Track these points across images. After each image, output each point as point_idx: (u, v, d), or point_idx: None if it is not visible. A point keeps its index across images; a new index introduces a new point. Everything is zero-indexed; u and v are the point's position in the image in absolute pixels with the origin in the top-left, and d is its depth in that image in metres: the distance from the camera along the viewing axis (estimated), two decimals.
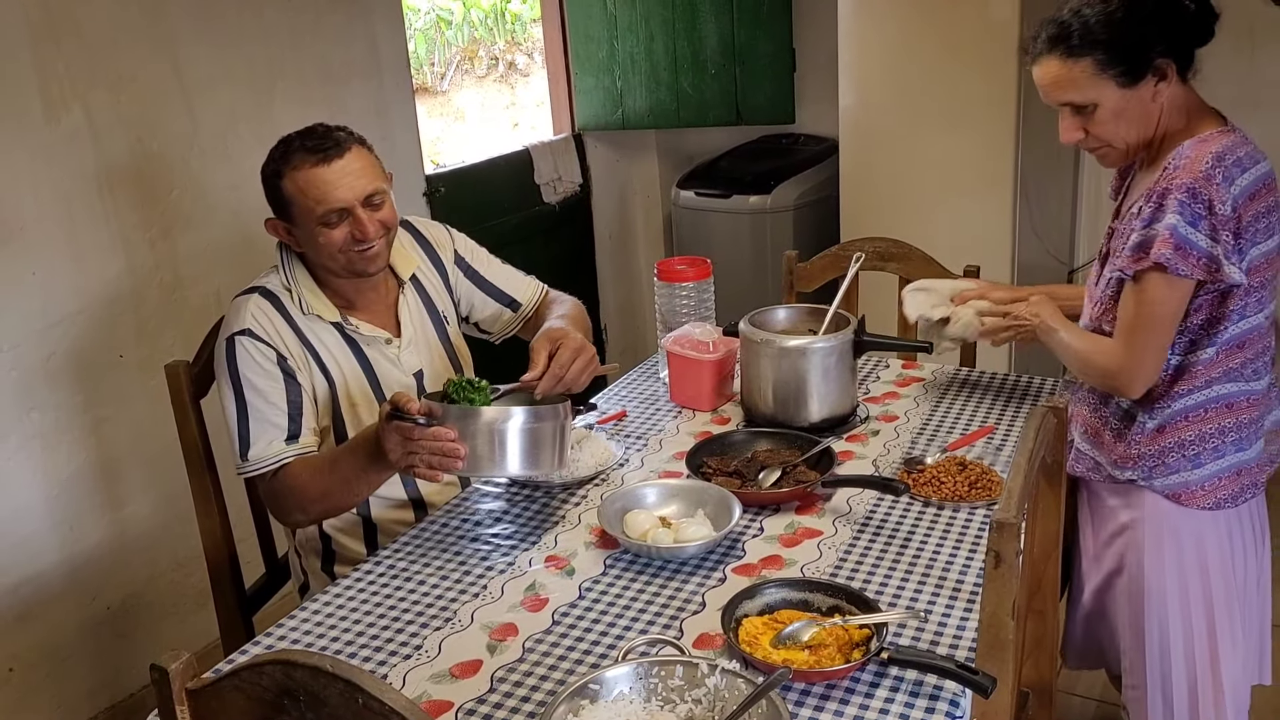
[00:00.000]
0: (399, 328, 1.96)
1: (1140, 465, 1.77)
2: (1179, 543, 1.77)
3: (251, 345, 1.81)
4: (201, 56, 2.74)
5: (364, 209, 1.80)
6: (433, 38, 6.87)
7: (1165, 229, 1.60)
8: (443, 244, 2.09)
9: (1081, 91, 1.67)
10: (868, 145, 3.56)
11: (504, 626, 1.50)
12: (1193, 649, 1.79)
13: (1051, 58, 1.68)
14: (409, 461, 1.62)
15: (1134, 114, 1.67)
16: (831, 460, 1.85)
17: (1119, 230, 1.77)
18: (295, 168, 1.78)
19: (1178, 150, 1.67)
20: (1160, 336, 1.67)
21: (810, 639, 1.38)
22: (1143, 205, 1.67)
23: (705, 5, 3.92)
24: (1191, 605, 1.78)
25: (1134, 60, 1.63)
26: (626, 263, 4.47)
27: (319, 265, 1.88)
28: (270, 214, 1.86)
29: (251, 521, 2.07)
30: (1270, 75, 3.28)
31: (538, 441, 1.65)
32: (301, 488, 1.79)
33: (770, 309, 2.16)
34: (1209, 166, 1.61)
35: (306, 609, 1.60)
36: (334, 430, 1.90)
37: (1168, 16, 1.63)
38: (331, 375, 1.88)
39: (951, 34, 3.28)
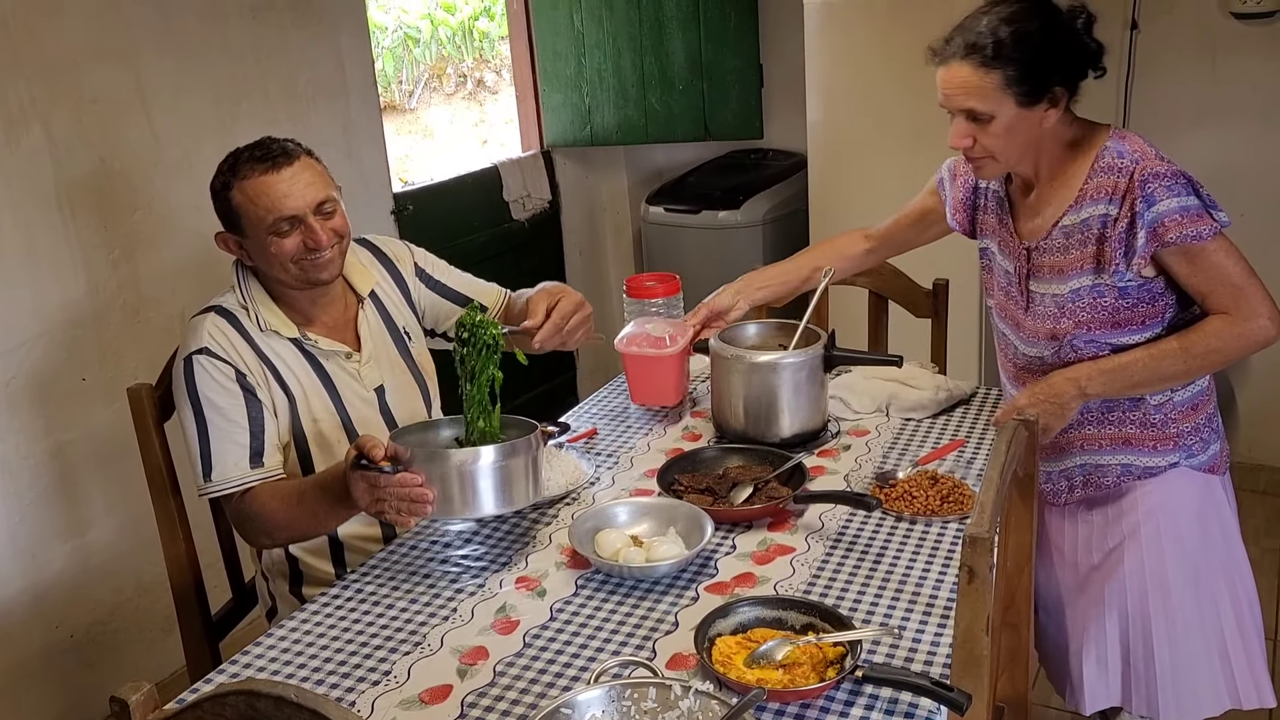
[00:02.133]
0: (359, 343, 1.94)
1: (1181, 445, 1.82)
2: (1212, 510, 1.85)
3: (210, 364, 1.79)
4: (165, 76, 2.71)
5: (315, 217, 1.79)
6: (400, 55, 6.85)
7: (1173, 213, 1.66)
8: (401, 258, 2.08)
9: (984, 102, 1.72)
10: (836, 160, 3.57)
11: (474, 650, 1.48)
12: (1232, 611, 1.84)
13: (964, 64, 1.72)
14: (378, 508, 1.61)
15: (1022, 132, 1.74)
16: (803, 476, 1.85)
17: (1046, 245, 1.81)
18: (244, 178, 1.76)
19: (1109, 152, 1.73)
20: (1253, 275, 1.71)
21: (784, 658, 1.36)
22: (1106, 209, 1.72)
23: (672, 22, 3.93)
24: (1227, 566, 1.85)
25: (1037, 83, 1.69)
26: (597, 279, 4.46)
27: (273, 279, 1.85)
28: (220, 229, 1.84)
29: (218, 546, 2.04)
30: (1230, 87, 3.32)
31: (511, 478, 1.63)
32: (268, 515, 1.77)
33: (740, 325, 2.16)
34: (1154, 152, 1.71)
35: (273, 634, 1.57)
36: (295, 446, 1.88)
37: (1073, 51, 1.72)
38: (291, 391, 1.86)
39: (918, 49, 3.28)
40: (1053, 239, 1.80)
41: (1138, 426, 1.83)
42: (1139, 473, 1.84)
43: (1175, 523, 1.83)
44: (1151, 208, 1.67)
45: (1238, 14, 3.28)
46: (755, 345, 2.11)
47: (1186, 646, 1.82)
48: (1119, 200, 1.70)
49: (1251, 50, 3.30)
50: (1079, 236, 1.76)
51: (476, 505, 1.62)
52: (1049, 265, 1.81)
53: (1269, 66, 3.30)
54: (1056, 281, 1.80)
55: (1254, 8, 3.23)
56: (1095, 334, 1.79)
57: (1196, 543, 1.83)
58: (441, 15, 6.82)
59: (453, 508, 1.62)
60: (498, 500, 1.63)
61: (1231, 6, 3.26)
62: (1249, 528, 2.00)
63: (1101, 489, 1.88)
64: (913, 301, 2.49)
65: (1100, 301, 1.77)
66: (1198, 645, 1.83)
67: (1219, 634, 1.84)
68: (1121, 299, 1.76)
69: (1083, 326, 1.78)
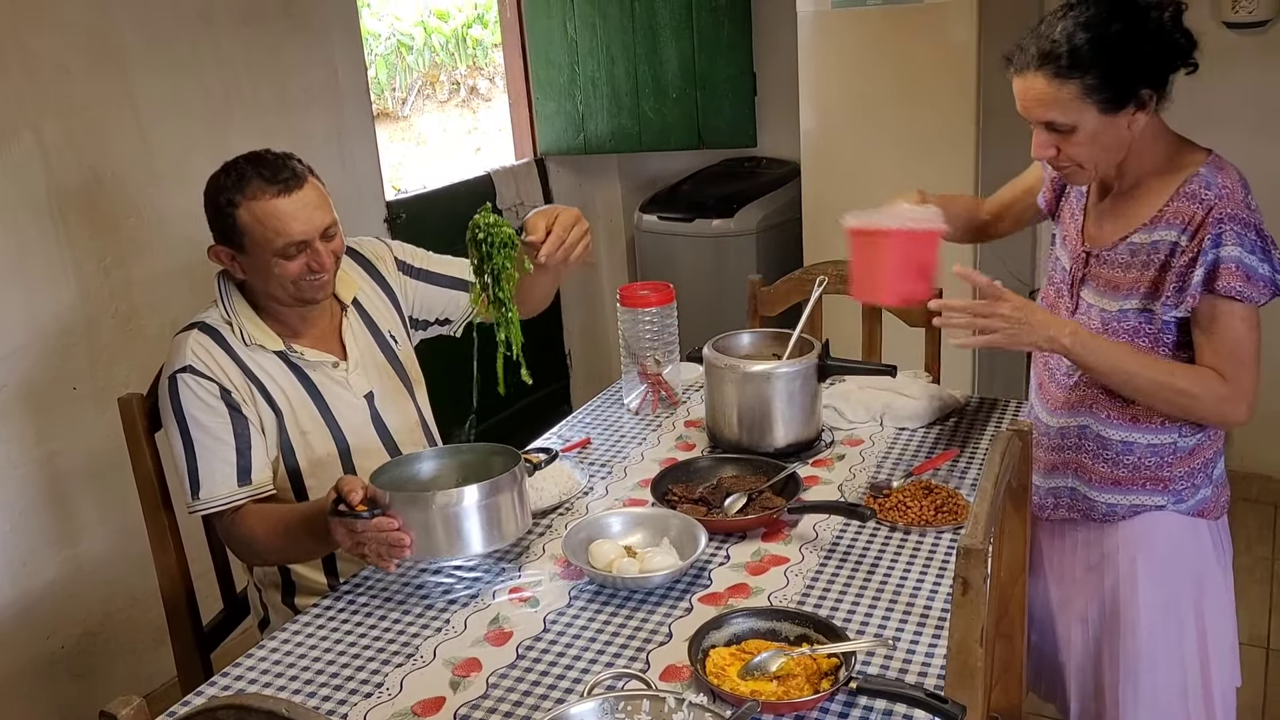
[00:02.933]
0: (344, 351, 1.94)
1: (1170, 490, 1.76)
2: (1192, 555, 1.79)
3: (194, 381, 1.78)
4: (156, 83, 2.70)
5: (320, 241, 1.79)
6: (394, 63, 6.86)
7: (1230, 260, 1.59)
8: (382, 256, 2.07)
9: (1064, 113, 1.63)
10: (829, 168, 3.57)
11: (467, 661, 1.48)
12: (1197, 654, 1.79)
13: (1038, 75, 1.63)
14: (359, 552, 1.61)
15: (1108, 139, 1.65)
16: (797, 486, 1.84)
17: (1109, 257, 1.74)
18: (253, 198, 1.74)
19: (1199, 179, 1.64)
20: (1257, 360, 1.66)
21: (778, 669, 1.36)
22: (1178, 237, 1.64)
23: (665, 30, 3.94)
24: (1200, 612, 1.79)
25: (1120, 89, 1.60)
26: (590, 287, 4.46)
27: (263, 294, 1.84)
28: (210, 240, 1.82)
29: (209, 556, 2.03)
30: (1222, 97, 3.33)
31: (498, 514, 1.61)
32: (256, 539, 1.78)
33: (734, 334, 2.16)
34: (1244, 195, 1.62)
35: (265, 646, 1.56)
36: (284, 462, 1.87)
37: (1158, 49, 1.61)
38: (278, 405, 1.84)
39: (911, 57, 3.31)
40: (1117, 252, 1.72)
41: (1129, 470, 1.77)
42: (1124, 512, 1.79)
43: (1150, 562, 1.78)
44: (1217, 248, 1.59)
45: (1230, 23, 3.29)
46: (749, 355, 2.11)
47: (1150, 685, 1.79)
48: (1191, 232, 1.61)
49: (1244, 60, 3.31)
50: (1144, 258, 1.68)
51: (466, 547, 1.60)
52: (1105, 278, 1.74)
53: (1261, 76, 3.31)
54: (1108, 296, 1.73)
55: (1246, 17, 3.24)
56: None
57: (1170, 585, 1.78)
58: (435, 22, 6.82)
59: (439, 549, 1.60)
60: (487, 539, 1.61)
61: (1223, 15, 3.27)
62: (1240, 537, 1.99)
63: (1087, 515, 1.84)
64: (906, 311, 2.48)
65: (1145, 328, 1.69)
66: (1161, 686, 1.79)
67: (1182, 679, 1.79)
68: (1164, 333, 1.68)
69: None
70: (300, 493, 1.88)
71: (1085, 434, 1.80)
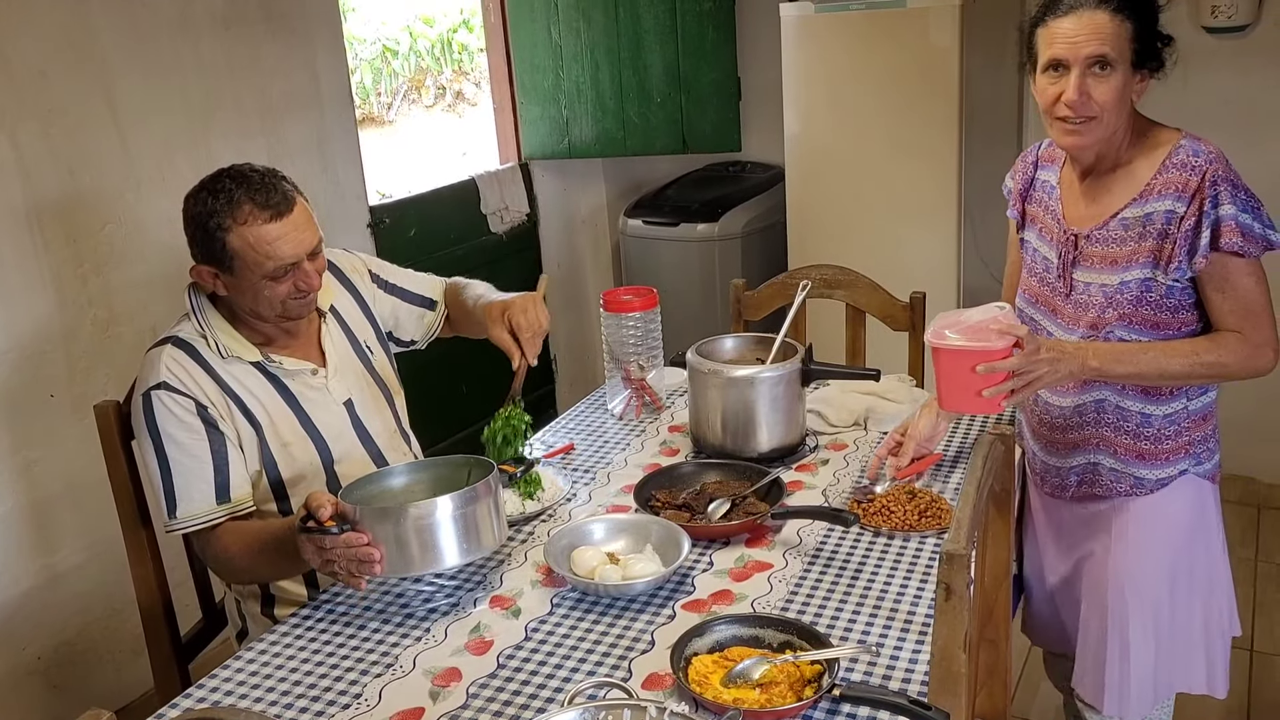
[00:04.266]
0: (324, 358, 1.92)
1: (1191, 454, 1.84)
2: (1208, 517, 1.87)
3: (169, 399, 1.75)
4: (135, 88, 2.68)
5: (308, 261, 1.77)
6: (379, 68, 6.84)
7: (1229, 219, 1.67)
8: (356, 268, 2.06)
9: (1115, 47, 1.70)
10: (814, 172, 3.57)
11: (447, 671, 1.46)
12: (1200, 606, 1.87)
13: (1099, 10, 1.71)
14: (329, 570, 1.58)
15: (1124, 99, 1.74)
16: (781, 491, 1.83)
17: (1100, 235, 1.79)
18: (244, 223, 1.70)
19: (1184, 149, 1.73)
20: (1270, 309, 1.74)
21: (761, 677, 1.35)
22: (1173, 205, 1.71)
23: (650, 34, 3.93)
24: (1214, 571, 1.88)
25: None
26: (575, 292, 4.45)
27: (244, 310, 1.82)
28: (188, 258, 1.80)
29: (188, 566, 2.01)
30: (1201, 100, 3.34)
31: (473, 526, 1.57)
32: (230, 559, 1.76)
33: (718, 338, 2.15)
34: (1227, 160, 1.72)
35: (242, 657, 1.54)
36: (266, 474, 1.84)
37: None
38: (257, 419, 1.82)
39: (894, 61, 3.31)
40: (1110, 229, 1.78)
41: (1152, 441, 1.82)
42: (1151, 485, 1.84)
43: (1169, 527, 1.85)
44: (1216, 209, 1.68)
45: (1209, 28, 3.30)
46: (733, 359, 2.10)
47: (1158, 632, 1.85)
48: (1188, 198, 1.70)
49: (1222, 64, 3.32)
50: (1139, 230, 1.75)
51: (436, 559, 1.56)
52: (1100, 255, 1.79)
53: (1240, 80, 3.32)
54: (1107, 272, 1.78)
55: (1225, 21, 3.25)
56: (1133, 329, 1.77)
57: (1184, 547, 1.85)
58: (420, 28, 6.81)
59: (412, 564, 1.56)
60: (463, 550, 1.57)
61: (1202, 20, 3.28)
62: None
63: (1111, 490, 1.87)
64: (890, 315, 2.48)
65: (1147, 296, 1.76)
66: (1169, 632, 1.86)
67: (1188, 626, 1.86)
68: (1167, 297, 1.75)
69: (1125, 320, 1.77)
70: (284, 504, 1.85)
71: (1104, 407, 1.85)
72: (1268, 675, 2.79)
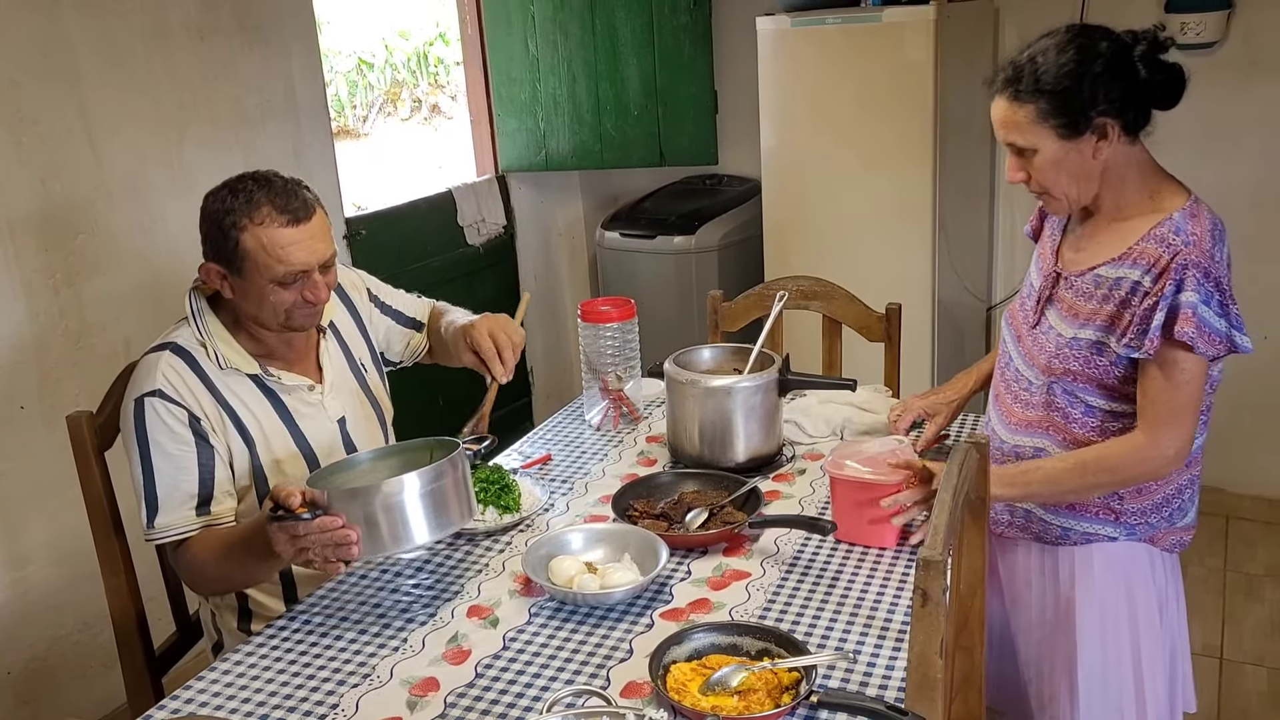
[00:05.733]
0: (321, 374, 1.92)
1: (1124, 523, 1.78)
2: (1129, 578, 1.79)
3: (162, 407, 1.73)
4: (108, 97, 2.67)
5: (319, 272, 1.77)
6: (354, 80, 6.83)
7: (1187, 307, 1.60)
8: (356, 285, 2.07)
9: (1023, 135, 1.68)
10: (790, 185, 3.59)
11: (425, 681, 1.45)
12: (1127, 680, 1.80)
13: (1002, 98, 1.70)
14: (303, 559, 1.56)
15: (1073, 167, 1.68)
16: (759, 500, 1.84)
17: (1075, 284, 1.76)
18: (262, 224, 1.70)
19: (1171, 223, 1.66)
20: (1196, 411, 1.68)
21: (739, 684, 1.35)
22: (1141, 277, 1.65)
23: (627, 47, 3.95)
24: (1131, 638, 1.80)
25: (1074, 114, 1.64)
26: (552, 305, 4.45)
27: (249, 317, 1.81)
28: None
29: (161, 578, 1.99)
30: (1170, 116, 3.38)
31: (442, 500, 1.58)
32: (201, 567, 1.74)
33: (695, 349, 2.15)
34: (1210, 244, 1.63)
35: (217, 669, 1.53)
36: (255, 490, 1.83)
37: (1116, 78, 1.64)
38: (250, 435, 1.81)
39: (869, 77, 3.34)
40: (1084, 279, 1.74)
41: (1070, 501, 1.78)
42: (1077, 538, 1.80)
43: (1093, 587, 1.80)
44: (1177, 294, 1.60)
45: (1178, 44, 3.34)
46: (710, 369, 2.10)
47: (1087, 703, 1.80)
48: (1155, 275, 1.63)
49: (1193, 81, 3.35)
50: (1105, 291, 1.70)
51: (410, 537, 1.56)
52: (1068, 303, 1.75)
53: (1208, 96, 3.37)
54: (1067, 322, 1.75)
55: (1194, 39, 3.31)
56: (1079, 387, 1.74)
57: (1109, 611, 1.80)
58: (396, 41, 6.81)
59: (383, 544, 1.55)
60: (432, 527, 1.57)
61: (1172, 36, 3.33)
62: (1193, 548, 2.00)
63: (1040, 537, 1.84)
64: (866, 326, 2.50)
65: (1096, 359, 1.71)
66: (1099, 705, 1.80)
67: (1118, 699, 1.81)
68: (1114, 366, 1.70)
69: (1070, 376, 1.74)
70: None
71: (1041, 457, 1.80)
72: (1237, 684, 2.82)
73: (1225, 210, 1.72)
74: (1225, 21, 3.31)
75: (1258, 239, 3.39)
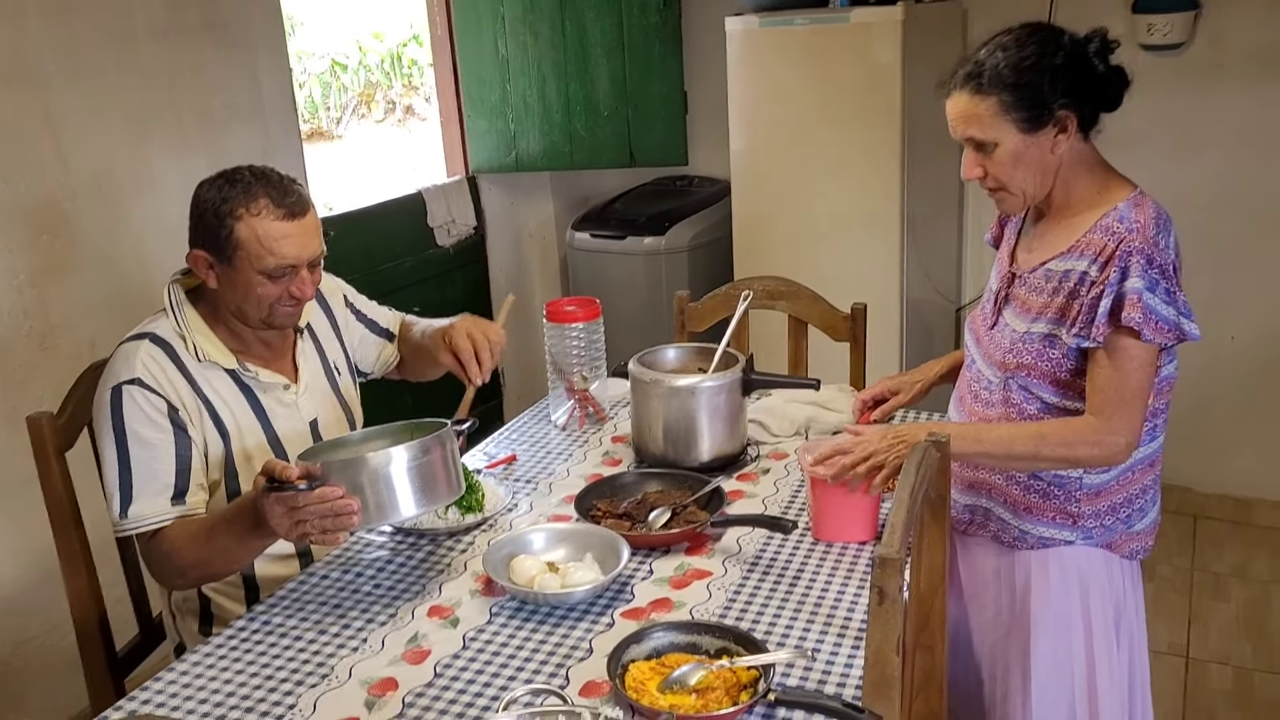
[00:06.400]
0: (296, 374, 1.92)
1: (1080, 527, 1.78)
2: (1085, 583, 1.80)
3: (141, 395, 1.73)
4: (73, 98, 2.65)
5: (307, 269, 1.78)
6: (328, 82, 6.80)
7: (1133, 293, 1.61)
8: (333, 291, 2.08)
9: (984, 129, 1.70)
10: (759, 187, 3.61)
11: (383, 681, 1.45)
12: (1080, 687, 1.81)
13: (962, 93, 1.71)
14: (300, 531, 1.55)
15: (1032, 161, 1.70)
16: (722, 500, 1.84)
17: (1028, 280, 1.78)
18: (259, 215, 1.71)
19: (1116, 213, 1.68)
20: (1145, 399, 1.68)
21: (698, 683, 1.35)
22: (1088, 267, 1.68)
23: (597, 49, 3.95)
24: (1085, 644, 1.81)
25: (1036, 107, 1.67)
26: (522, 305, 4.40)
27: (232, 309, 1.81)
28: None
29: (125, 581, 1.97)
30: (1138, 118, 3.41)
31: (431, 474, 1.61)
32: (177, 553, 1.72)
33: (660, 349, 2.15)
34: (1155, 232, 1.65)
35: (175, 669, 1.52)
36: (225, 485, 1.82)
37: (1074, 72, 1.67)
38: (226, 427, 1.81)
39: (837, 77, 3.36)
40: (1035, 275, 1.76)
41: (1039, 496, 1.79)
42: (1033, 542, 1.81)
43: (1047, 591, 1.81)
44: (1122, 281, 1.62)
45: (1146, 45, 3.38)
46: (674, 369, 2.11)
47: (1039, 707, 1.81)
48: (1101, 264, 1.66)
49: (1159, 82, 3.40)
50: (1055, 284, 1.72)
51: (398, 508, 1.58)
52: (1022, 300, 1.78)
53: (1176, 98, 3.41)
54: (1021, 317, 1.77)
55: (1160, 40, 3.34)
56: (1033, 382, 1.75)
57: (1062, 615, 1.81)
58: (370, 42, 6.78)
59: (373, 515, 1.58)
60: (420, 499, 1.60)
61: (1139, 38, 3.36)
62: (1161, 548, 2.01)
63: (998, 538, 1.86)
64: (831, 326, 2.51)
65: (1049, 352, 1.73)
66: (1050, 710, 1.82)
67: (1070, 706, 1.82)
68: (1066, 359, 1.72)
69: (1024, 370, 1.75)
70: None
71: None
72: (1202, 682, 2.85)
73: (1192, 211, 1.75)
74: (1193, 23, 3.35)
75: (1224, 240, 3.43)
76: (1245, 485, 3.67)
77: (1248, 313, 3.44)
